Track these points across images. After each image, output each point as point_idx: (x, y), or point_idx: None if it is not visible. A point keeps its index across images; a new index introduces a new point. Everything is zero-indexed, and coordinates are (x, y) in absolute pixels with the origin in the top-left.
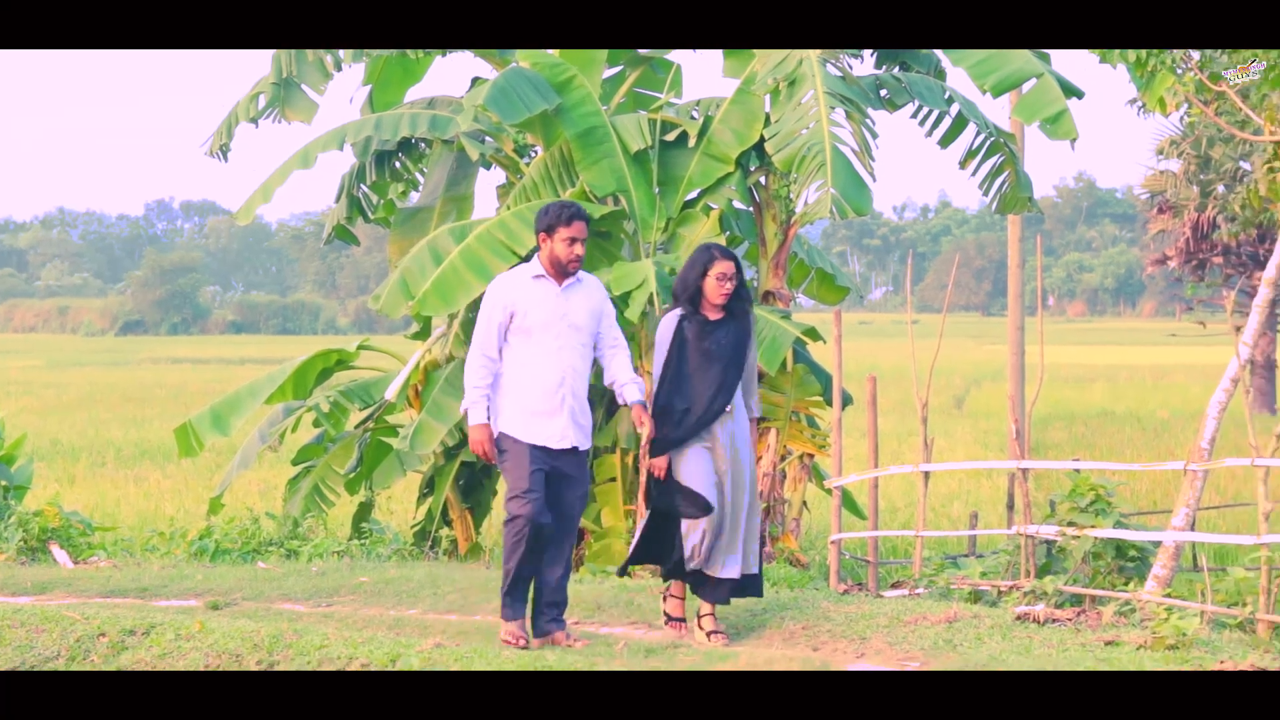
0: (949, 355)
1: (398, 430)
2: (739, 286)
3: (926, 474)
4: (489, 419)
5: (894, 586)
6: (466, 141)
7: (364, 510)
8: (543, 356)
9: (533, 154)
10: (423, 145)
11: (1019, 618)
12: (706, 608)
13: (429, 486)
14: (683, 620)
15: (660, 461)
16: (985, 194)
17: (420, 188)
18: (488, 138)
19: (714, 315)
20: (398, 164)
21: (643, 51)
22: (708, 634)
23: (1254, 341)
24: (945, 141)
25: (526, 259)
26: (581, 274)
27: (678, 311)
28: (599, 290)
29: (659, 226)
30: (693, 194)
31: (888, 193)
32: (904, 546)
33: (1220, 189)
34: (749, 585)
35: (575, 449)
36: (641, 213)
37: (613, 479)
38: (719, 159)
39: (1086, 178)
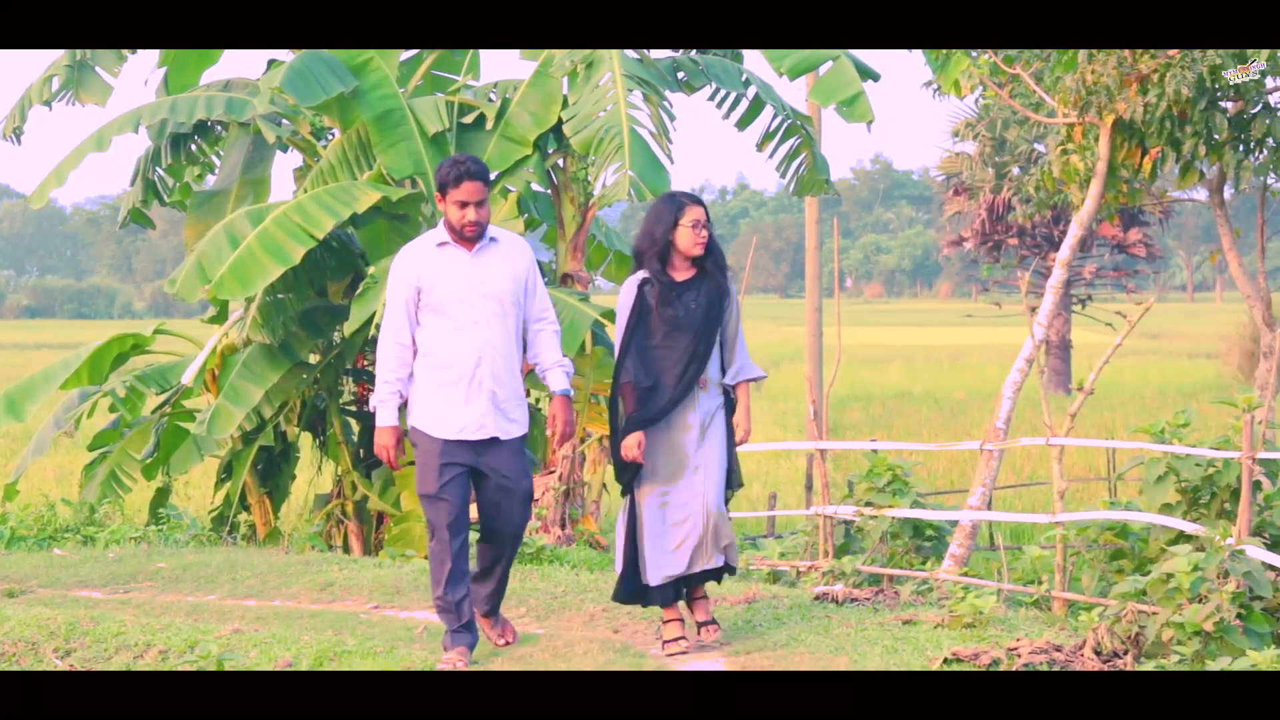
0: (747, 337)
1: (195, 415)
2: (710, 239)
3: None
4: (396, 420)
5: None
6: (263, 124)
7: (161, 496)
8: (455, 334)
9: (330, 137)
10: (219, 128)
11: (818, 598)
12: (696, 592)
13: (227, 471)
14: (682, 638)
15: (632, 441)
16: (783, 176)
17: (216, 171)
18: (284, 120)
19: (683, 274)
20: (193, 147)
21: None
22: (699, 626)
23: (1048, 322)
24: (743, 124)
25: (326, 243)
26: (500, 233)
27: (638, 275)
28: (522, 252)
29: None
30: (491, 176)
31: (686, 175)
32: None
33: (1015, 171)
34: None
35: (497, 440)
36: None
37: (412, 462)
38: (517, 141)
39: (883, 160)
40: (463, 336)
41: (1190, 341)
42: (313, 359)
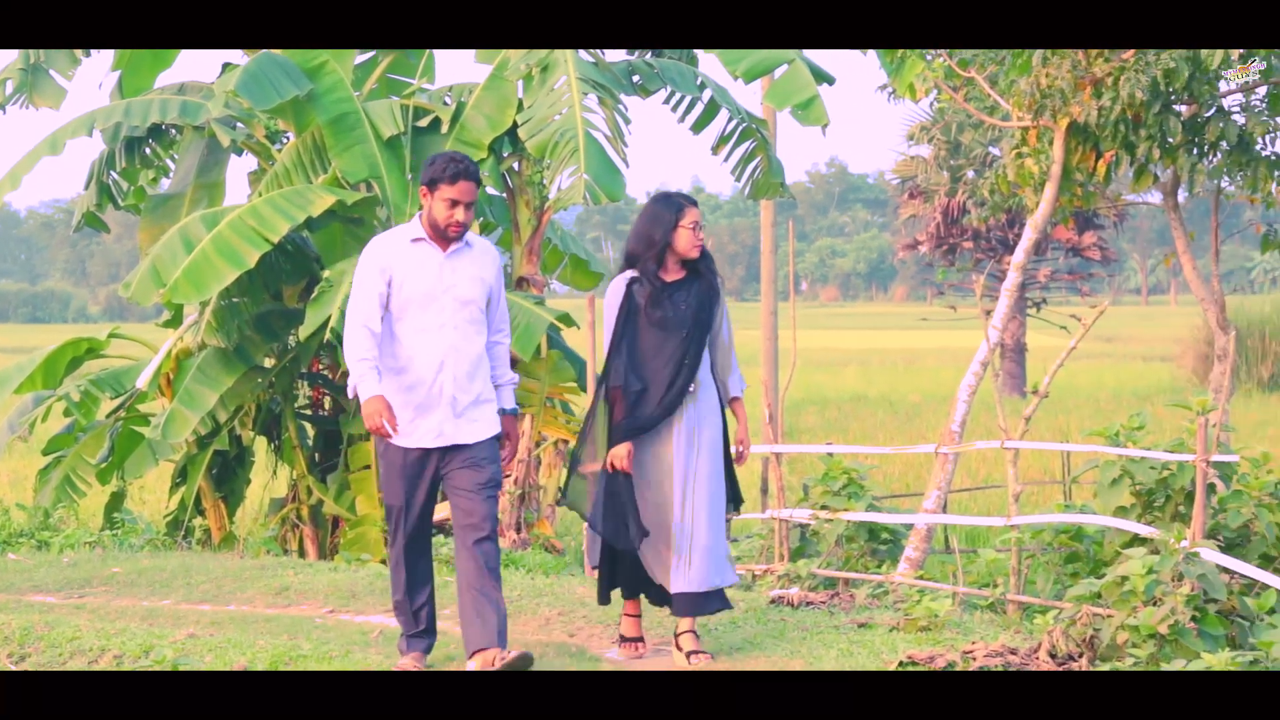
0: None
1: (150, 419)
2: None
3: None
4: (379, 389)
5: None
6: (217, 127)
7: (116, 500)
8: (420, 337)
9: (284, 140)
10: (173, 131)
11: (773, 601)
12: (684, 624)
13: (181, 476)
14: (639, 640)
15: (621, 451)
16: (738, 180)
17: (171, 174)
18: (239, 124)
19: (674, 275)
20: (148, 150)
21: None
22: (687, 654)
23: (1003, 325)
24: (698, 127)
25: (281, 247)
26: (473, 238)
27: (626, 275)
28: (493, 260)
29: (411, 212)
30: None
31: (641, 178)
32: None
33: (970, 174)
34: (714, 597)
35: (459, 447)
36: (395, 199)
37: (367, 466)
38: (472, 145)
39: (838, 163)
40: (425, 340)
41: (1145, 345)
42: (268, 363)
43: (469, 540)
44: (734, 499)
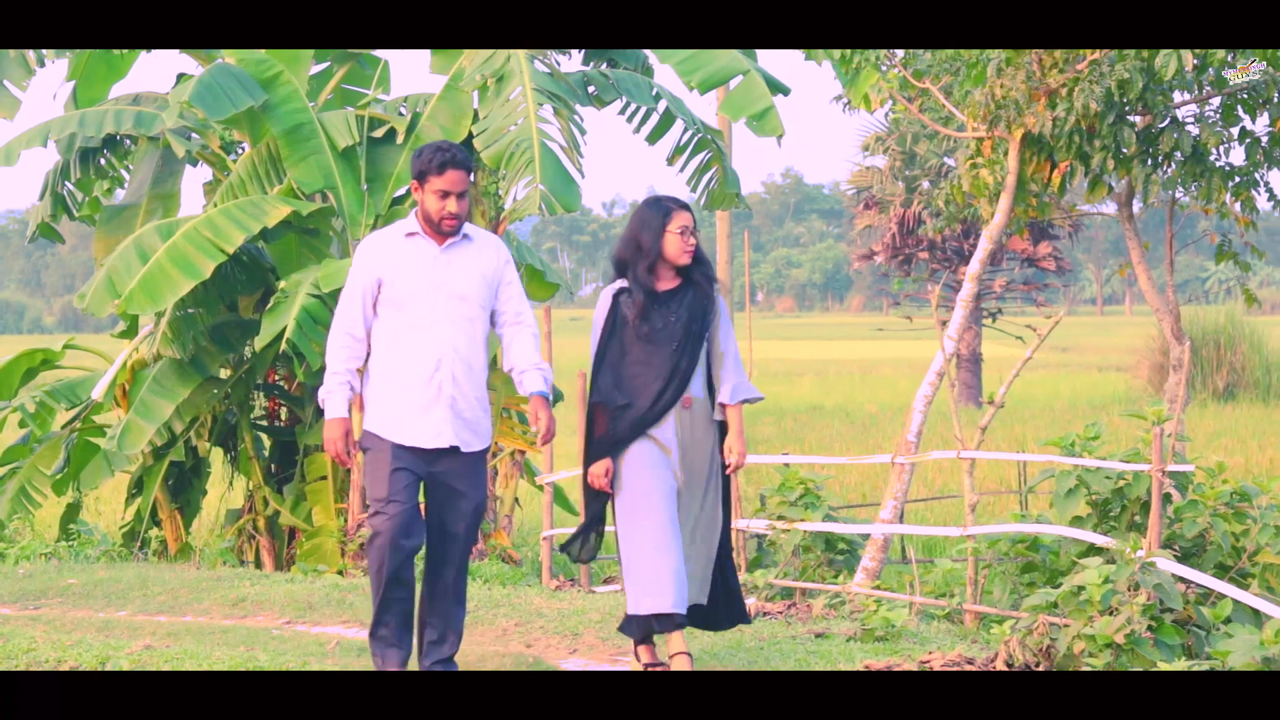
0: None
1: (105, 430)
2: (696, 247)
3: None
4: (348, 411)
5: (606, 582)
6: (172, 138)
7: (72, 511)
8: (415, 334)
9: (240, 150)
10: (128, 142)
11: None
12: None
13: (137, 487)
14: (664, 664)
15: (599, 469)
16: (693, 191)
17: (126, 185)
18: (194, 134)
19: (667, 284)
20: (103, 161)
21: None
22: (671, 655)
23: (958, 335)
24: (653, 138)
25: (237, 257)
26: (475, 231)
27: (614, 286)
28: (496, 251)
29: (367, 223)
30: (401, 190)
31: (597, 189)
32: (616, 542)
33: (925, 185)
34: (708, 616)
35: (456, 450)
36: (350, 209)
37: (323, 477)
38: None
39: (794, 174)
40: (420, 337)
41: (1100, 355)
42: (223, 374)
43: (435, 568)
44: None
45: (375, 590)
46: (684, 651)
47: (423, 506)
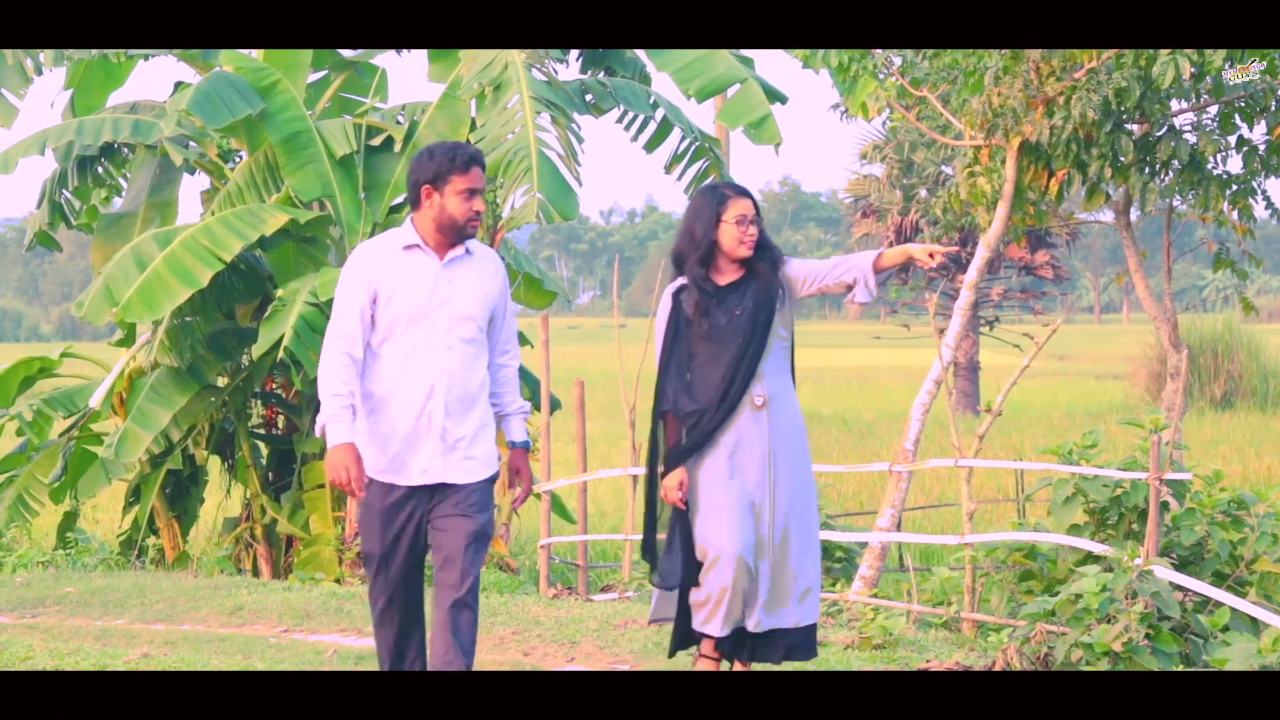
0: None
1: (103, 439)
2: (761, 236)
3: (635, 478)
4: (352, 436)
5: (604, 590)
6: (170, 146)
7: (69, 520)
8: (405, 357)
9: (237, 159)
10: (125, 150)
11: None
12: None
13: (135, 495)
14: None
15: (672, 481)
16: (691, 198)
17: (123, 193)
18: (191, 143)
19: (728, 277)
20: (100, 169)
21: (347, 55)
22: (698, 656)
23: (956, 343)
24: (651, 146)
25: (234, 265)
26: (473, 244)
27: (674, 284)
28: (497, 270)
29: (365, 232)
30: (399, 199)
31: (594, 197)
32: (613, 550)
33: (922, 193)
34: (802, 642)
35: (448, 487)
36: (347, 218)
37: (321, 485)
38: None
39: (791, 182)
40: (414, 363)
41: (1097, 363)
42: (221, 382)
43: (445, 601)
44: None
45: (377, 643)
46: (711, 656)
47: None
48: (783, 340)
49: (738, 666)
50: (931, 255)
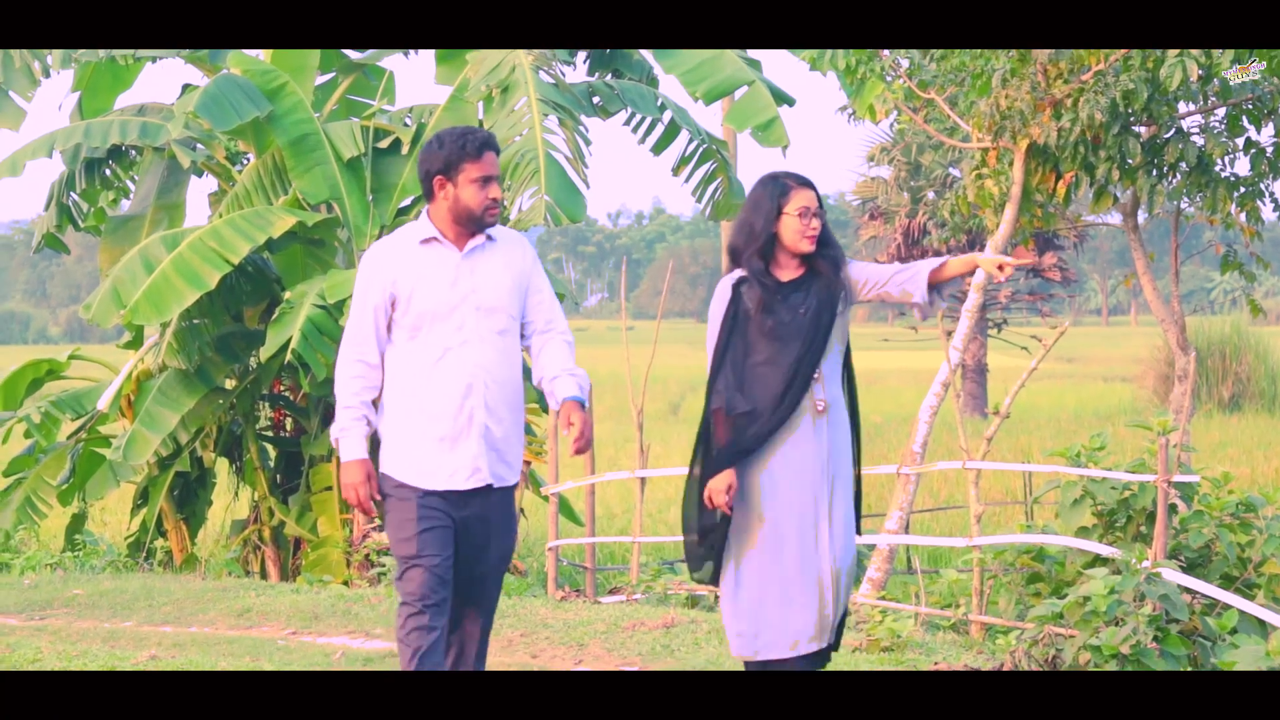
0: (664, 362)
1: (111, 441)
2: (824, 230)
3: (643, 480)
4: (365, 452)
5: (612, 592)
6: (178, 149)
7: (77, 522)
8: (438, 356)
9: (245, 161)
10: (133, 153)
11: None
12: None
13: (143, 497)
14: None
15: (720, 484)
16: (699, 201)
17: (131, 195)
18: (199, 145)
19: (790, 273)
20: (108, 171)
21: (355, 58)
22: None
23: (964, 346)
24: (658, 148)
25: (242, 268)
26: (496, 230)
27: (732, 275)
28: (523, 251)
29: (373, 234)
30: (406, 201)
31: (602, 200)
32: (621, 553)
33: (930, 195)
34: (820, 661)
35: (489, 486)
36: (355, 220)
37: (329, 488)
38: None
39: None
40: (448, 360)
41: (1105, 365)
42: (229, 384)
43: (457, 624)
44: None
45: (403, 657)
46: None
47: None
48: (839, 345)
49: None
50: (1001, 268)
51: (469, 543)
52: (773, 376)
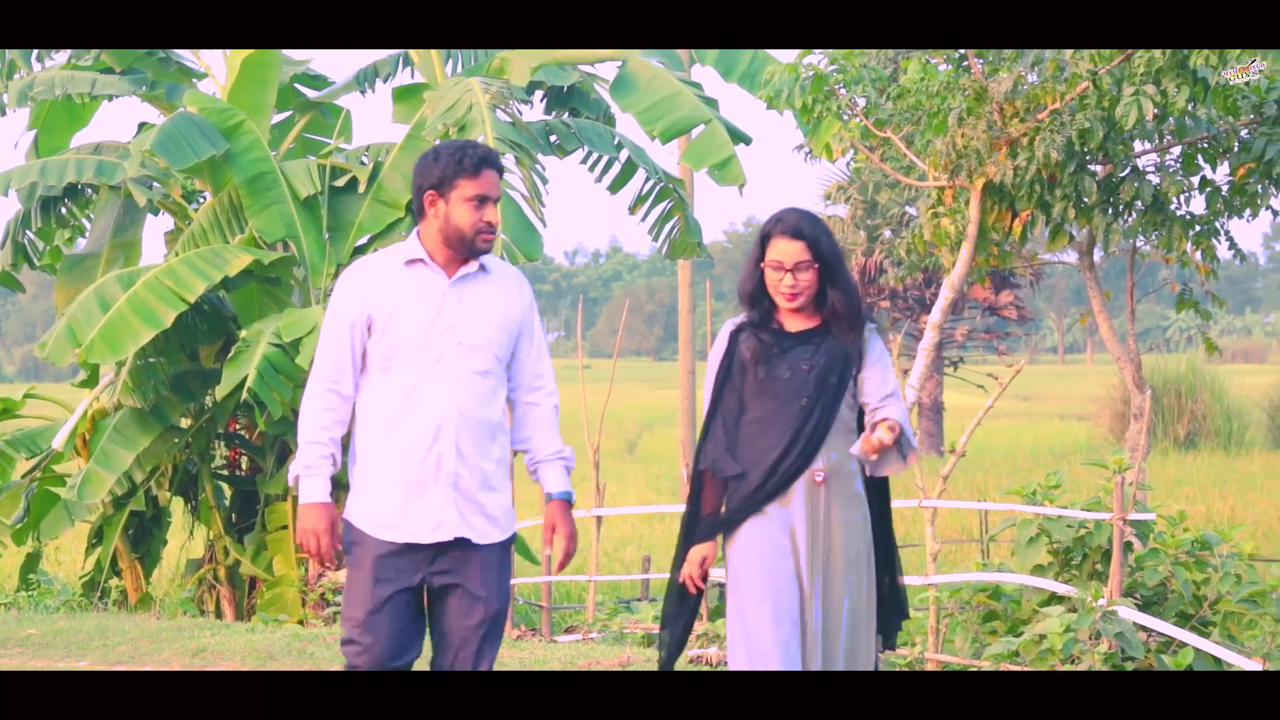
0: (621, 400)
1: (66, 480)
2: (843, 279)
3: (599, 518)
4: (327, 494)
5: (568, 631)
6: (134, 187)
7: (32, 561)
8: (407, 391)
9: (201, 200)
10: (89, 191)
11: (693, 661)
12: None
13: (98, 536)
14: None
15: (695, 556)
16: (655, 239)
17: (87, 234)
18: (155, 183)
19: (800, 324)
20: (64, 210)
21: (311, 97)
22: None
23: (920, 384)
24: (615, 187)
25: (198, 306)
26: (492, 261)
27: (733, 321)
28: (520, 290)
29: (329, 273)
30: (363, 239)
31: (559, 238)
32: (577, 591)
33: (887, 234)
34: None
35: (466, 542)
36: (312, 259)
37: (284, 526)
38: (389, 204)
39: (755, 222)
40: (419, 396)
41: (1061, 403)
42: (184, 423)
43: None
44: (887, 626)
45: None
46: None
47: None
48: (849, 412)
49: None
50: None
51: (444, 607)
52: (765, 438)
